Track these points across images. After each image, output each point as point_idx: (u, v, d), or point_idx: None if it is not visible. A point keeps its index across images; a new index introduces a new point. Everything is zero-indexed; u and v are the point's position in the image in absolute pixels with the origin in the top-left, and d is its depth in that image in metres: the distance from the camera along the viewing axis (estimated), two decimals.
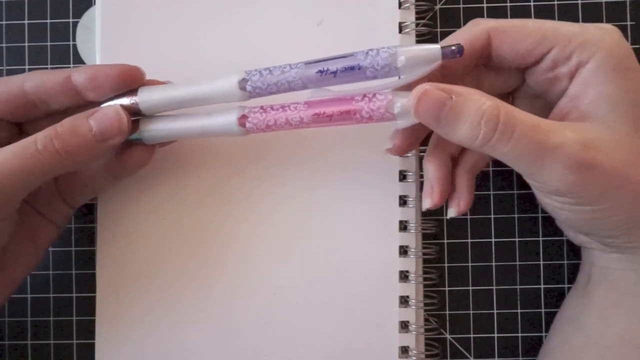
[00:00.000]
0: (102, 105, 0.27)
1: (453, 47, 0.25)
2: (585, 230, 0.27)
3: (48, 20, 0.33)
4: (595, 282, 0.28)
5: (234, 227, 0.31)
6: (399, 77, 0.26)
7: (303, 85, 0.26)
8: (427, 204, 0.28)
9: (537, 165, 0.24)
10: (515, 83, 0.28)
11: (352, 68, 0.25)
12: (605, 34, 0.25)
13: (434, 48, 0.25)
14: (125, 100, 0.27)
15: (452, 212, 0.29)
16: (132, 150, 0.28)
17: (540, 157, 0.24)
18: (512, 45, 0.26)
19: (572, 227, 0.29)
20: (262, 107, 0.27)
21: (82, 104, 0.28)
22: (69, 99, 0.27)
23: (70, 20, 0.33)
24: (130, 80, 0.27)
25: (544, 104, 0.27)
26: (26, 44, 0.33)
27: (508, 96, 0.29)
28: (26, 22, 0.34)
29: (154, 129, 0.28)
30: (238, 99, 0.27)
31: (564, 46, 0.25)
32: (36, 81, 0.27)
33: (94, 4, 0.33)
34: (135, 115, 0.28)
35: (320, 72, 0.26)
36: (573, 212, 0.25)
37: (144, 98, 0.27)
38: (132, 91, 0.27)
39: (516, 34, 0.26)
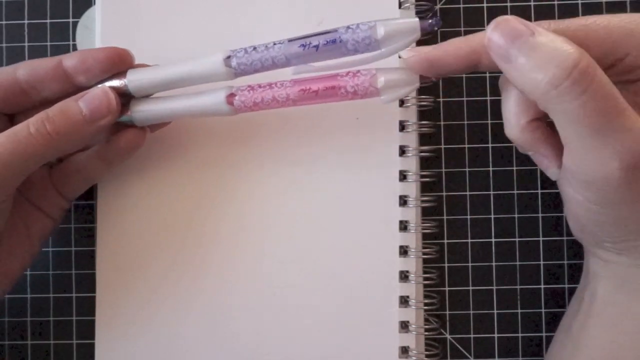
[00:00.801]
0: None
1: (431, 21, 0.25)
2: (594, 229, 0.26)
3: (48, 20, 0.33)
4: (585, 289, 0.28)
5: (234, 229, 0.31)
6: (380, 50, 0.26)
7: (287, 61, 0.27)
8: (555, 172, 0.26)
9: (590, 141, 0.22)
10: None
11: (333, 41, 0.26)
12: None
13: (412, 21, 0.25)
14: (115, 82, 0.28)
15: (555, 174, 0.27)
16: (124, 133, 0.29)
17: (600, 133, 0.21)
18: None
19: (583, 223, 0.26)
20: (249, 86, 0.28)
21: (73, 91, 0.28)
22: (60, 85, 0.28)
23: (70, 20, 0.33)
24: (119, 62, 0.28)
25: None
26: (26, 44, 0.33)
27: None
28: (26, 22, 0.34)
29: (144, 109, 0.28)
30: (224, 77, 0.27)
31: (638, 54, 0.23)
32: (28, 68, 0.28)
33: (94, 4, 0.33)
34: (126, 97, 0.28)
35: (303, 46, 0.26)
36: (599, 206, 0.24)
37: (132, 78, 0.28)
38: (121, 73, 0.28)
39: (582, 44, 0.23)
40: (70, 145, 0.27)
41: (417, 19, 0.25)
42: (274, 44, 0.27)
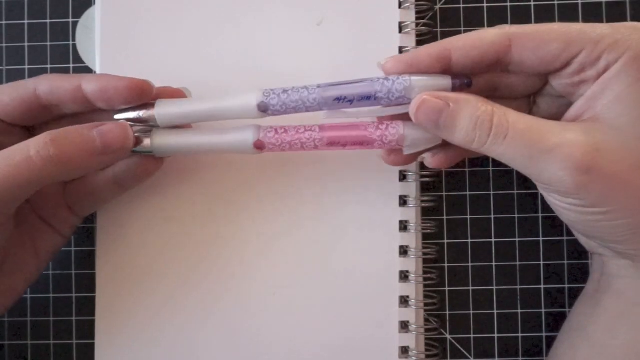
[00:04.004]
0: (115, 116, 0.28)
1: (465, 81, 0.26)
2: (590, 233, 0.27)
3: (48, 20, 0.33)
4: (603, 291, 0.28)
5: (233, 228, 0.31)
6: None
7: (319, 108, 0.27)
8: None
9: (534, 166, 0.24)
10: (537, 86, 0.28)
11: (368, 98, 0.27)
12: (634, 32, 0.24)
13: (445, 81, 0.26)
14: (142, 113, 0.27)
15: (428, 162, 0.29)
16: (141, 161, 0.28)
17: (535, 158, 0.24)
18: (535, 52, 0.25)
19: (577, 229, 0.28)
20: (276, 131, 0.28)
21: (95, 109, 0.28)
22: (81, 106, 0.28)
23: (70, 20, 0.33)
24: (139, 94, 0.27)
25: (568, 103, 0.27)
26: (26, 44, 0.33)
27: (529, 97, 0.29)
28: (26, 22, 0.34)
29: (166, 143, 0.28)
30: (254, 116, 0.27)
31: (592, 49, 0.24)
32: (48, 87, 0.27)
33: (94, 3, 0.33)
34: (150, 125, 0.28)
35: (338, 99, 0.27)
36: (577, 213, 0.25)
37: (161, 112, 0.27)
38: (149, 104, 0.28)
39: (540, 40, 0.25)
40: (73, 172, 0.26)
41: (449, 78, 0.26)
42: (308, 91, 0.27)
